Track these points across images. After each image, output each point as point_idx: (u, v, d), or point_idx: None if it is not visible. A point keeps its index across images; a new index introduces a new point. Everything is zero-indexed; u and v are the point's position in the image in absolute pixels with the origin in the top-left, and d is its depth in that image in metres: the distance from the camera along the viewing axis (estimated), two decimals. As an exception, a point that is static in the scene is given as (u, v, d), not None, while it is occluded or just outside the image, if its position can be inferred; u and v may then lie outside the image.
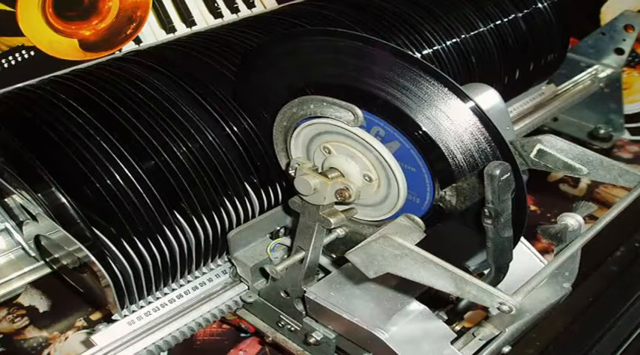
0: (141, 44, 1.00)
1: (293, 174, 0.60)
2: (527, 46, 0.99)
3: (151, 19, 1.01)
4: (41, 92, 0.69)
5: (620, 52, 1.12)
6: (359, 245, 0.52)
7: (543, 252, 0.82)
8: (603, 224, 0.54)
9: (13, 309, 0.81)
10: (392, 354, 0.55)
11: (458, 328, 0.63)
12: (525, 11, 1.00)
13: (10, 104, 0.69)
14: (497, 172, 0.49)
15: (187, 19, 1.04)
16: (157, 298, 0.67)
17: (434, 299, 0.63)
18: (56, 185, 0.61)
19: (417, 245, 0.50)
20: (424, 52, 0.88)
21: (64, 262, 0.68)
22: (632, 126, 1.20)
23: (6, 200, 0.72)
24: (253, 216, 0.71)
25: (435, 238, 0.58)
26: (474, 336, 0.61)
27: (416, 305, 0.59)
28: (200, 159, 0.67)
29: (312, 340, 0.62)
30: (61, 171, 0.62)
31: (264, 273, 0.67)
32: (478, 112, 0.54)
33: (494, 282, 0.56)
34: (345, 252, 0.53)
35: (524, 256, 0.65)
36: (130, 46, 0.99)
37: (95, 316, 0.80)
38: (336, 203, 0.60)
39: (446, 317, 0.65)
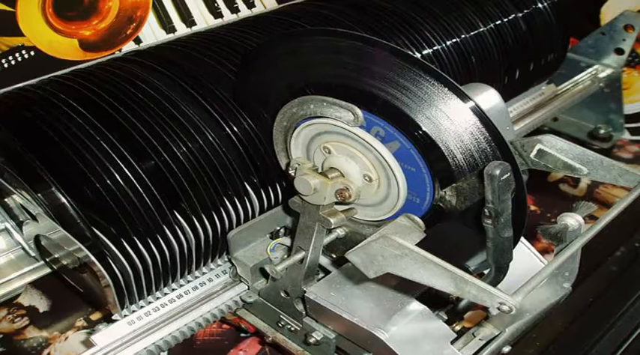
0: (141, 44, 1.00)
1: (293, 174, 0.60)
2: (527, 46, 0.99)
3: (151, 19, 1.01)
4: (41, 92, 0.69)
5: (620, 52, 1.12)
6: (359, 245, 0.52)
7: (543, 252, 0.82)
8: (603, 224, 0.54)
9: (13, 309, 0.81)
10: (392, 354, 0.55)
11: (458, 328, 0.63)
12: (525, 11, 1.00)
13: (10, 104, 0.69)
14: (497, 172, 0.49)
15: (187, 19, 1.04)
16: (157, 298, 0.67)
17: (434, 299, 0.63)
18: (56, 185, 0.61)
19: (417, 245, 0.50)
20: (424, 52, 0.88)
21: (64, 262, 0.68)
22: (632, 126, 1.20)
23: (6, 200, 0.72)
24: (253, 216, 0.71)
25: (435, 238, 0.58)
26: (474, 336, 0.61)
27: (416, 305, 0.58)
28: (200, 159, 0.67)
29: (312, 340, 0.62)
30: (61, 171, 0.62)
31: (264, 273, 0.67)
32: (478, 112, 0.54)
33: (494, 282, 0.56)
34: (345, 252, 0.53)
35: (524, 256, 0.65)
36: (130, 46, 0.99)
37: (95, 316, 0.80)
38: (336, 203, 0.60)
39: (446, 317, 0.65)
